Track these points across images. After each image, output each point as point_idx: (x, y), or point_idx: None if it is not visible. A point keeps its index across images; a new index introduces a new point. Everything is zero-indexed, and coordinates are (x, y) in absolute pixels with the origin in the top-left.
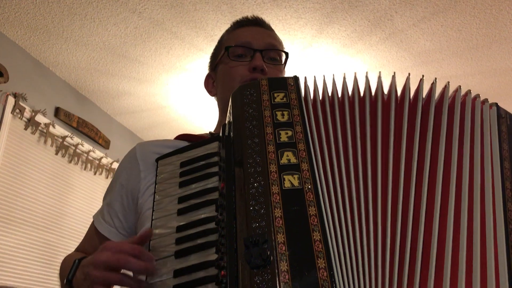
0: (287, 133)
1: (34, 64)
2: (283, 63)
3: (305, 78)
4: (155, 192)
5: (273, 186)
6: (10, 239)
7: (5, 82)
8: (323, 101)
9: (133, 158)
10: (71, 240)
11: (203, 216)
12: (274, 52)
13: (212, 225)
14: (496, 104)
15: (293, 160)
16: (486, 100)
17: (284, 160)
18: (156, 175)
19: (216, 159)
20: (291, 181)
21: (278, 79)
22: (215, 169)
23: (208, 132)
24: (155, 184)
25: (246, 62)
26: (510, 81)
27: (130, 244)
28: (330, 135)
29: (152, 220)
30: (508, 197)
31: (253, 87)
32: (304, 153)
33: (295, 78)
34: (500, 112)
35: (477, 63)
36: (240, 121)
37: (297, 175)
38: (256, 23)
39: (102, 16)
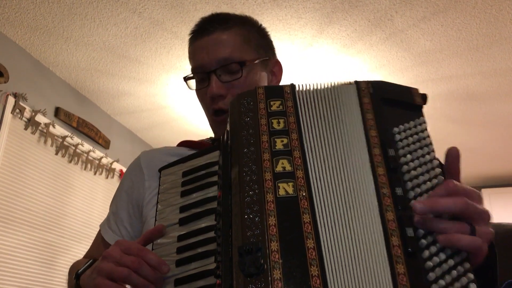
0: (282, 141)
1: (34, 64)
2: (250, 66)
3: (299, 85)
4: (157, 202)
5: (268, 194)
6: (10, 239)
7: (5, 82)
8: (318, 108)
9: (138, 167)
10: (71, 240)
11: (203, 225)
12: (230, 65)
13: (211, 234)
14: (355, 81)
15: (288, 167)
16: (349, 82)
17: (279, 168)
18: (159, 185)
19: (216, 168)
20: (285, 189)
21: (275, 88)
22: (215, 178)
23: (208, 138)
24: (158, 194)
25: (205, 88)
26: (510, 81)
27: (131, 257)
28: (326, 141)
29: None
30: (377, 162)
31: (250, 96)
32: (299, 161)
33: (292, 86)
34: (360, 86)
35: (477, 63)
36: (237, 129)
37: (291, 183)
38: (205, 30)
39: (102, 16)
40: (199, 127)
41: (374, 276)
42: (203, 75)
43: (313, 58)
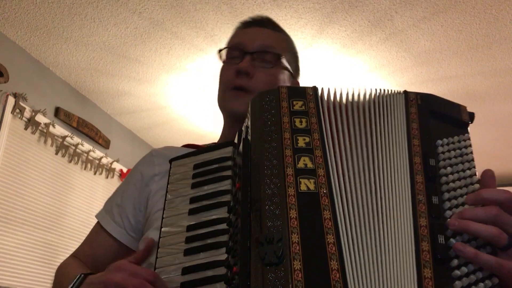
0: (304, 139)
1: (34, 64)
2: (282, 65)
3: (322, 88)
4: (167, 192)
5: (289, 188)
6: (10, 239)
7: (5, 82)
8: (340, 110)
9: (150, 160)
10: (72, 240)
11: (214, 217)
12: (268, 54)
13: (222, 226)
14: (405, 91)
15: (310, 165)
16: (398, 91)
17: (300, 165)
18: (169, 175)
19: (229, 163)
20: (307, 184)
21: (298, 88)
22: (228, 172)
23: (212, 143)
24: (168, 184)
25: (235, 65)
26: (510, 81)
27: (145, 268)
28: (346, 143)
29: (162, 218)
30: (417, 170)
31: (273, 94)
32: (320, 159)
33: (314, 89)
34: (409, 97)
35: (477, 63)
36: (259, 125)
37: (313, 180)
38: (258, 23)
39: (102, 16)
40: (199, 127)
41: (398, 277)
42: (239, 53)
43: (313, 58)
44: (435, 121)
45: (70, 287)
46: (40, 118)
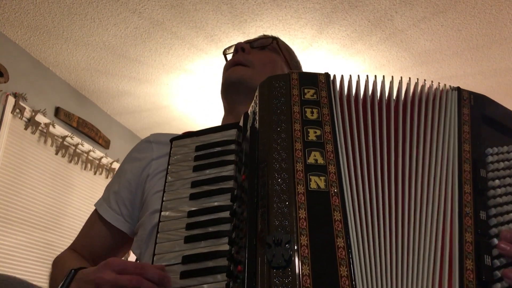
0: (315, 132)
1: (34, 64)
2: (277, 48)
3: (334, 76)
4: (167, 173)
5: (299, 185)
6: (10, 239)
7: (5, 82)
8: (354, 102)
9: (147, 144)
10: (71, 240)
11: (216, 204)
12: (264, 39)
13: (225, 214)
14: (458, 87)
15: (320, 161)
16: (451, 87)
17: (311, 160)
18: (170, 155)
19: (233, 146)
20: (317, 182)
21: (309, 74)
22: (232, 157)
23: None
24: (168, 164)
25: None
26: (510, 81)
27: (133, 262)
28: (361, 138)
29: (162, 201)
30: (466, 179)
31: (283, 80)
32: (332, 155)
33: (326, 76)
34: (462, 95)
35: (477, 63)
36: (268, 113)
37: (323, 177)
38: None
39: (102, 16)
40: (199, 127)
41: None
42: (238, 46)
43: (313, 58)
44: (486, 126)
45: (62, 285)
46: (40, 118)
